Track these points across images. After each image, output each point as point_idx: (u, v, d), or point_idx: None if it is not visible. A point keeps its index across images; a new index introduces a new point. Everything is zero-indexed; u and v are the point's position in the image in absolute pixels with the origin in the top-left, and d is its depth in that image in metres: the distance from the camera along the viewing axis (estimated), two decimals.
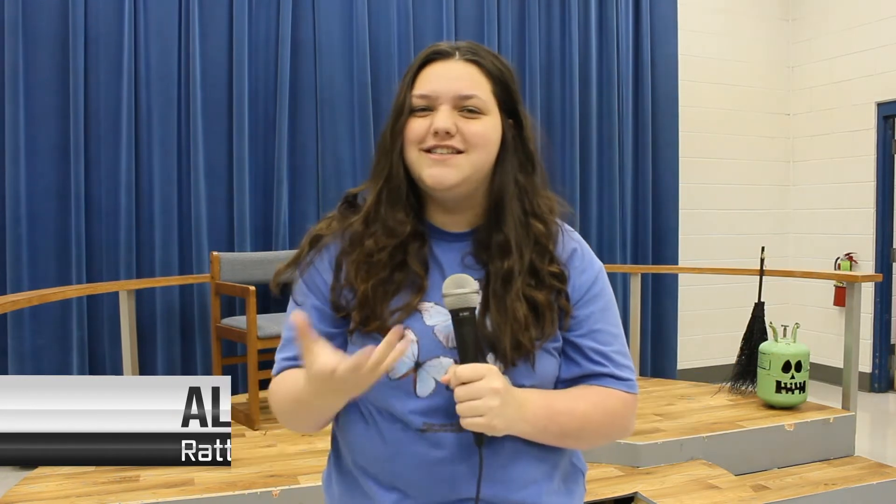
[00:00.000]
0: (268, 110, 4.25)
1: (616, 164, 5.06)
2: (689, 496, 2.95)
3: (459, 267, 1.10)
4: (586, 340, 1.09)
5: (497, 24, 4.76)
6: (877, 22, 5.27)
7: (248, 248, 4.17)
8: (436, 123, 1.04)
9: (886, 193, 5.35)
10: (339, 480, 1.17)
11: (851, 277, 3.89)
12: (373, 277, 1.07)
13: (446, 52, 1.08)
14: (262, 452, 3.13)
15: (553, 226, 1.12)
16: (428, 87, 1.06)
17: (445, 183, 1.05)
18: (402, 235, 1.08)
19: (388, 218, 1.09)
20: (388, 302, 1.07)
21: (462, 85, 1.05)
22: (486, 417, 0.96)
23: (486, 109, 1.06)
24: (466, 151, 1.05)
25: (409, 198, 1.09)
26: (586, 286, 1.12)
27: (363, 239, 1.10)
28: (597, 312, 1.11)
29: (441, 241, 1.12)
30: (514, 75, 1.12)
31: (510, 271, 1.06)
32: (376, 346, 0.92)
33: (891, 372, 5.43)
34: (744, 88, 5.72)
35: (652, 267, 5.11)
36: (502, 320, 1.04)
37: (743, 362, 4.19)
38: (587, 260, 1.14)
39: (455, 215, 1.12)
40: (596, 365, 1.09)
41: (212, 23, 4.10)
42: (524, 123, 1.10)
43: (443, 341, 1.05)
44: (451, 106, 1.05)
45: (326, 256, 1.14)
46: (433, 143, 1.04)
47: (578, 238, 1.18)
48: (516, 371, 1.04)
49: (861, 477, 3.30)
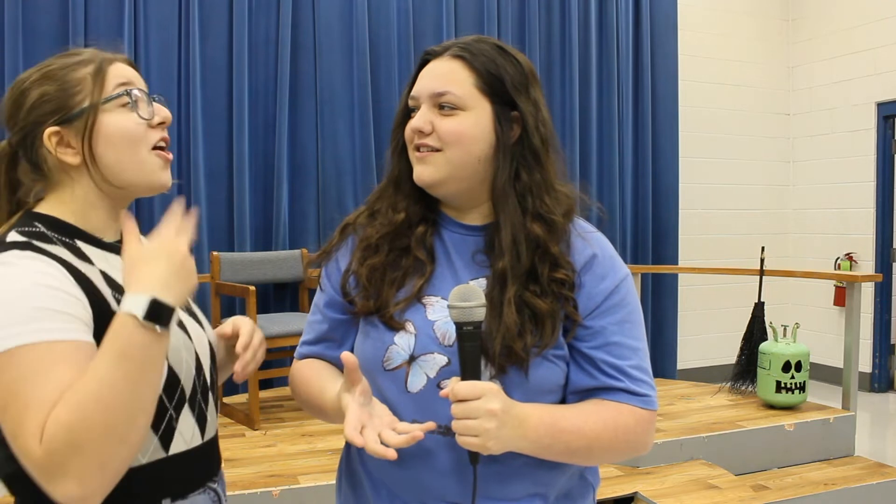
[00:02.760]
0: (268, 110, 4.25)
1: (616, 164, 5.06)
2: (689, 496, 2.95)
3: (470, 262, 1.09)
4: (600, 353, 1.04)
5: (497, 24, 4.76)
6: (877, 22, 5.27)
7: (248, 248, 4.17)
8: (411, 123, 1.07)
9: (886, 193, 5.35)
10: (347, 481, 1.19)
11: (851, 277, 3.89)
12: (368, 260, 1.09)
13: (436, 51, 1.09)
14: (262, 452, 3.13)
15: (559, 227, 1.06)
16: (416, 87, 1.08)
17: (425, 180, 1.06)
18: (397, 222, 1.09)
19: (387, 208, 1.11)
20: (394, 290, 1.07)
21: (437, 82, 1.06)
22: (480, 439, 0.94)
23: (463, 105, 1.04)
24: (444, 149, 1.04)
25: (413, 190, 1.10)
26: (604, 295, 1.06)
27: (367, 228, 1.13)
28: (614, 324, 1.05)
29: (455, 233, 1.12)
30: (520, 67, 1.08)
31: (503, 274, 1.03)
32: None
33: (891, 372, 5.43)
34: (744, 88, 5.72)
35: (652, 267, 5.11)
36: (494, 325, 1.01)
37: (743, 362, 4.19)
38: (608, 266, 1.08)
39: (465, 210, 1.12)
40: (610, 379, 1.04)
41: (212, 23, 4.10)
42: (526, 117, 1.06)
43: (440, 338, 1.05)
44: (430, 104, 1.06)
45: (346, 246, 1.16)
46: (416, 142, 1.07)
47: (600, 242, 1.11)
48: (507, 378, 1.02)
49: (861, 477, 3.30)
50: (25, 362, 0.83)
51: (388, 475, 1.09)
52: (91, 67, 0.99)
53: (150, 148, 1.01)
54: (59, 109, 0.97)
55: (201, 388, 1.04)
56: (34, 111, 0.98)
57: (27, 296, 0.85)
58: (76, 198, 1.00)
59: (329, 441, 3.21)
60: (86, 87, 0.98)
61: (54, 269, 0.90)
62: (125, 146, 0.99)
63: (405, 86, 1.13)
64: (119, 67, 1.02)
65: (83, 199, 1.00)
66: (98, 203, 1.01)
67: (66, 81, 0.98)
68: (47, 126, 0.97)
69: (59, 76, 0.98)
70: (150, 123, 1.01)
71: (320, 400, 1.09)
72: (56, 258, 0.92)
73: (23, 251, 0.90)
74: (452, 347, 1.04)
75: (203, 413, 1.04)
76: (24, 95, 0.98)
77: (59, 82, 0.98)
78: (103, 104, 0.98)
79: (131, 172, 0.99)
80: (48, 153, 0.98)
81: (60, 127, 0.97)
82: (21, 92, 0.99)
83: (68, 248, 0.96)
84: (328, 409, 1.06)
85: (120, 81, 1.00)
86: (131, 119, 0.99)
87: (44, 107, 0.97)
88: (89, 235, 1.00)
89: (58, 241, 0.96)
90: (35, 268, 0.88)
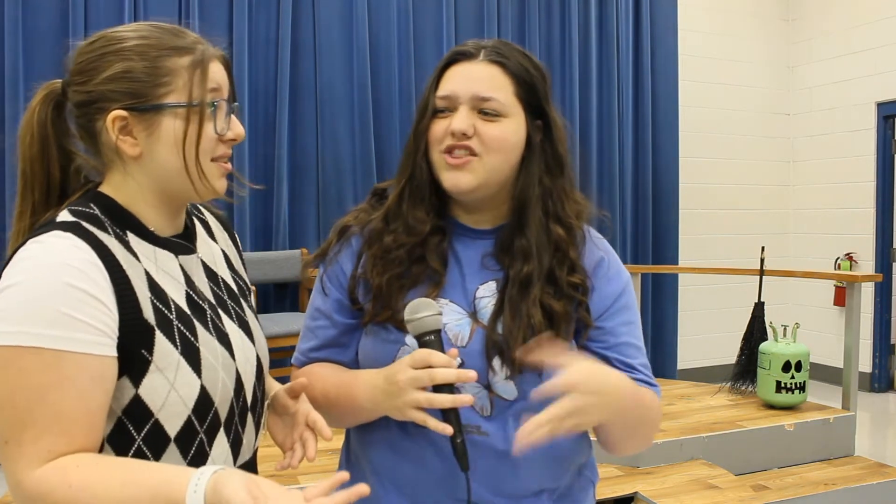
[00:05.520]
0: (268, 110, 4.25)
1: (616, 164, 5.06)
2: (689, 496, 2.95)
3: (478, 267, 1.09)
4: (613, 353, 1.09)
5: (497, 25, 4.76)
6: (877, 22, 5.27)
7: (248, 248, 4.17)
8: (453, 125, 1.04)
9: (886, 193, 5.35)
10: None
11: (851, 277, 3.89)
12: (388, 272, 1.07)
13: (469, 52, 1.07)
14: (261, 452, 3.11)
15: (577, 231, 1.10)
16: (449, 88, 1.06)
17: (462, 188, 1.05)
18: (422, 234, 1.08)
19: (408, 216, 1.09)
20: (403, 295, 1.07)
21: (481, 86, 1.04)
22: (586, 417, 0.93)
23: (506, 112, 1.05)
24: (482, 155, 1.03)
25: (432, 197, 1.09)
26: (613, 297, 1.11)
27: (383, 235, 1.10)
28: (623, 325, 1.11)
29: (463, 238, 1.12)
30: (544, 75, 1.09)
31: (529, 276, 1.04)
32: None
33: (891, 372, 5.43)
34: (744, 88, 5.72)
35: (652, 267, 5.11)
36: (515, 326, 1.02)
37: (743, 362, 4.19)
38: (614, 270, 1.13)
39: (478, 214, 1.11)
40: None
41: (212, 23, 4.09)
42: (553, 126, 1.08)
43: (452, 340, 1.06)
44: (469, 107, 1.04)
45: (349, 249, 1.14)
46: (451, 144, 1.04)
47: (606, 246, 1.16)
48: (522, 378, 1.03)
49: (861, 477, 3.30)
50: (30, 368, 0.79)
51: (391, 471, 1.10)
52: (189, 59, 0.90)
53: (212, 158, 0.93)
54: (137, 95, 0.88)
55: (240, 411, 0.97)
56: (110, 83, 0.88)
57: (51, 295, 0.80)
58: (128, 186, 0.92)
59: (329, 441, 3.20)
60: (175, 81, 0.89)
61: (90, 265, 0.83)
62: (191, 155, 0.91)
63: (427, 85, 1.09)
64: (214, 69, 0.92)
65: (136, 190, 0.92)
66: (151, 199, 0.93)
67: (158, 67, 0.88)
68: (117, 107, 0.87)
69: (151, 56, 0.88)
70: (223, 138, 0.93)
71: (351, 386, 1.06)
72: (101, 248, 0.85)
73: (65, 232, 0.84)
74: (465, 349, 1.05)
75: (239, 437, 0.97)
76: (105, 59, 0.88)
77: (149, 63, 0.88)
78: (183, 107, 0.89)
79: (189, 180, 0.91)
80: (106, 133, 0.89)
81: (129, 113, 0.88)
82: (104, 54, 0.89)
83: (118, 240, 0.89)
84: (360, 391, 1.04)
85: (212, 87, 0.91)
86: (206, 130, 0.91)
87: (122, 84, 0.88)
88: (143, 227, 0.92)
89: (109, 230, 0.89)
90: (69, 259, 0.82)
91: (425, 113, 1.08)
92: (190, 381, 0.89)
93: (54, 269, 0.81)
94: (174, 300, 0.92)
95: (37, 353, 0.79)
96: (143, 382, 0.86)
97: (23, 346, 0.79)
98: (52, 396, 0.80)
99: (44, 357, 0.80)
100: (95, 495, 0.79)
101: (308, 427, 1.04)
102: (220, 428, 0.93)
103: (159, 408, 0.87)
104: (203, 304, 0.96)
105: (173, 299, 0.92)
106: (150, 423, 0.87)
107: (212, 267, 1.03)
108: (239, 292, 1.07)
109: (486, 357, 1.04)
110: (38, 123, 0.93)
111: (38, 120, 0.93)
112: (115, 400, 0.86)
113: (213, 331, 0.95)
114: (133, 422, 0.87)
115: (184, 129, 0.89)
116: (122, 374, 0.86)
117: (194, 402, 0.89)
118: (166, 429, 0.88)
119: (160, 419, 0.88)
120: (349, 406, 1.07)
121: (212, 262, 1.04)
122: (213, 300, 0.99)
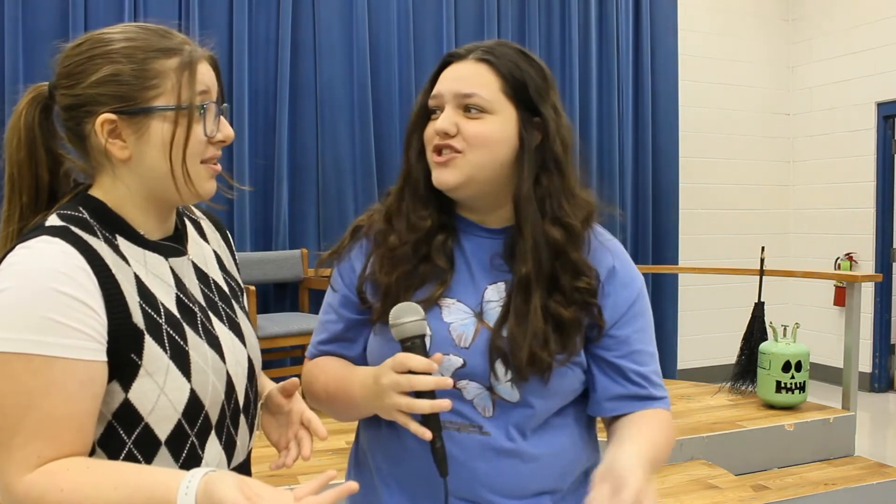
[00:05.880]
0: (268, 110, 4.25)
1: (616, 164, 5.07)
2: (689, 496, 2.95)
3: (488, 267, 1.09)
4: (626, 362, 1.08)
5: (497, 25, 4.76)
6: (877, 22, 5.27)
7: (248, 248, 4.16)
8: (436, 124, 1.05)
9: (886, 193, 5.35)
10: (356, 473, 1.20)
11: (851, 277, 3.89)
12: (396, 271, 1.08)
13: (460, 54, 1.08)
14: (262, 452, 3.12)
15: (577, 232, 1.07)
16: (437, 89, 1.07)
17: (447, 184, 1.05)
18: (423, 230, 1.08)
19: (409, 213, 1.09)
20: (410, 294, 1.07)
21: (463, 84, 1.05)
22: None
23: (490, 108, 1.04)
24: (465, 151, 1.04)
25: (431, 195, 1.09)
26: (628, 304, 1.10)
27: (388, 235, 1.11)
28: (637, 332, 1.10)
29: (474, 237, 1.12)
30: (544, 73, 1.08)
31: (527, 279, 1.04)
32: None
33: (891, 372, 5.43)
34: (744, 88, 5.72)
35: (652, 267, 5.11)
36: (520, 332, 1.02)
37: (743, 362, 4.19)
38: (629, 275, 1.12)
39: (481, 213, 1.11)
40: (638, 387, 1.08)
41: (212, 23, 4.09)
42: (548, 123, 1.07)
43: (455, 340, 1.06)
44: (454, 106, 1.05)
45: (360, 248, 1.15)
46: (437, 143, 1.05)
47: (618, 249, 1.14)
48: (527, 385, 1.03)
49: (861, 477, 3.30)
50: (19, 374, 0.79)
51: (393, 469, 1.10)
52: (177, 61, 0.90)
53: (201, 161, 0.92)
54: (126, 98, 0.87)
55: (231, 413, 0.97)
56: (98, 87, 0.87)
57: (39, 300, 0.80)
58: (117, 189, 0.92)
59: (329, 441, 3.19)
60: (163, 84, 0.88)
61: (78, 270, 0.83)
62: (178, 158, 0.90)
63: (422, 87, 1.11)
64: (202, 70, 0.92)
65: (125, 193, 0.92)
66: (140, 202, 0.93)
67: (146, 70, 0.88)
68: (106, 110, 0.87)
69: (139, 59, 0.88)
70: (212, 140, 0.93)
71: (348, 382, 1.08)
72: (90, 252, 0.85)
73: (53, 237, 0.84)
74: (468, 349, 1.05)
75: (232, 439, 0.98)
76: (93, 62, 0.88)
77: (137, 66, 0.88)
78: (169, 111, 0.89)
79: (177, 182, 0.90)
80: (95, 136, 0.89)
81: (118, 116, 0.87)
82: (92, 57, 0.88)
83: (107, 243, 0.89)
84: (355, 388, 1.05)
85: (200, 89, 0.91)
86: (195, 132, 0.90)
87: (110, 87, 0.87)
88: (133, 231, 0.92)
89: (98, 233, 0.88)
90: (57, 265, 0.82)
91: (416, 114, 1.10)
92: (179, 385, 0.89)
93: (43, 275, 0.81)
94: (164, 304, 0.91)
95: (25, 359, 0.79)
96: (133, 387, 0.86)
97: (11, 353, 0.79)
98: (40, 402, 0.80)
99: (32, 363, 0.80)
100: (87, 498, 0.79)
101: (303, 426, 1.04)
102: (211, 431, 0.93)
103: (149, 412, 0.87)
104: (193, 308, 0.96)
105: (163, 303, 0.91)
106: (141, 427, 0.87)
107: (203, 269, 1.03)
108: (230, 293, 1.07)
109: (489, 359, 1.04)
110: (25, 127, 0.92)
111: (24, 123, 0.92)
112: (105, 404, 0.86)
113: (203, 334, 0.95)
114: (123, 426, 0.87)
115: (171, 132, 0.89)
116: (112, 379, 0.86)
117: (184, 405, 0.89)
118: (157, 432, 0.88)
119: (150, 423, 0.88)
120: (347, 402, 1.09)
121: (203, 263, 1.04)
122: (204, 302, 0.99)
